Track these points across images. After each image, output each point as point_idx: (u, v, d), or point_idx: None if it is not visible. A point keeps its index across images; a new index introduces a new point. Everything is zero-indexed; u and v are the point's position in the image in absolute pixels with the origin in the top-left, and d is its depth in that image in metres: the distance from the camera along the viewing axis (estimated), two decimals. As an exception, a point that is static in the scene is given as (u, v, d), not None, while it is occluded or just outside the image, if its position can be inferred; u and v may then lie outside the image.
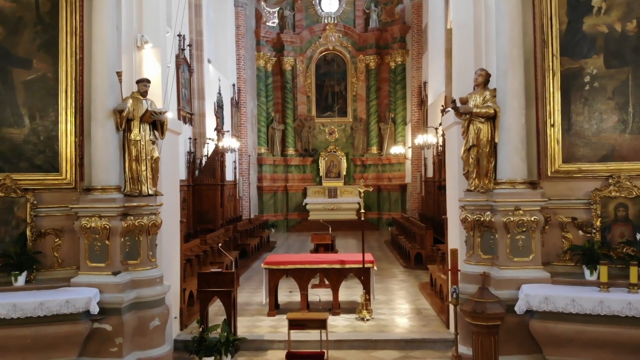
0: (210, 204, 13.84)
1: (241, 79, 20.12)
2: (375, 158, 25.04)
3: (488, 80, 6.64)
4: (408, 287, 11.36)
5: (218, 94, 17.18)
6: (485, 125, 6.46)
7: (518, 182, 6.32)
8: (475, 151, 6.51)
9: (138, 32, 7.41)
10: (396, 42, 24.34)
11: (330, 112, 25.60)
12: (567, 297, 5.74)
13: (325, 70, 25.64)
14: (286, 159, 25.05)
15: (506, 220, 6.22)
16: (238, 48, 20.04)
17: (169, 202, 7.76)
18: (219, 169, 13.96)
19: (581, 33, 6.66)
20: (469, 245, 6.60)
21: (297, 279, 8.95)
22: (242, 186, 19.91)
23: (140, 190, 6.65)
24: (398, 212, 24.21)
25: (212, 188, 13.83)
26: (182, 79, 13.37)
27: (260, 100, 24.47)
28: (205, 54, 15.39)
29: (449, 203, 7.91)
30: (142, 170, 6.65)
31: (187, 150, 13.59)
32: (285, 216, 25.16)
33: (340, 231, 22.98)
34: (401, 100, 24.43)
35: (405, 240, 15.38)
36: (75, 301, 6.03)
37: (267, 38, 24.63)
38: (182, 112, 13.26)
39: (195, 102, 14.18)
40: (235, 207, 19.00)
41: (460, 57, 7.42)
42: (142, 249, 6.67)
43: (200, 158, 14.45)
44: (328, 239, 11.46)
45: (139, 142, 6.67)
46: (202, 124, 14.42)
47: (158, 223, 6.76)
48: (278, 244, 19.04)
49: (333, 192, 24.81)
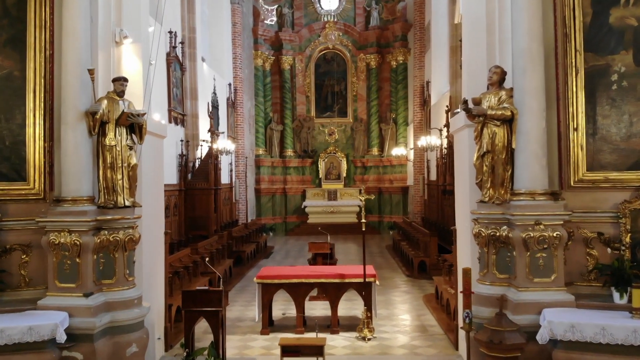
0: (203, 209, 13.17)
1: (238, 78, 19.44)
2: (376, 159, 24.37)
3: (504, 78, 5.95)
4: (412, 300, 10.68)
5: (213, 93, 16.51)
6: (501, 129, 5.77)
7: (538, 193, 5.63)
8: (490, 158, 5.82)
9: (116, 26, 6.73)
10: (397, 41, 23.68)
11: (330, 113, 24.96)
12: (596, 325, 5.05)
13: (325, 70, 24.99)
14: (285, 161, 24.40)
15: (525, 236, 5.53)
16: (234, 46, 19.36)
17: (152, 213, 7.09)
18: (212, 172, 13.27)
19: (607, 26, 5.97)
20: (483, 263, 5.91)
21: (293, 294, 8.27)
22: (238, 189, 19.23)
23: (115, 202, 5.96)
24: (399, 215, 23.55)
25: (205, 192, 13.16)
26: (174, 77, 12.70)
27: (258, 100, 23.81)
28: (199, 52, 14.71)
29: (459, 213, 7.22)
30: (117, 179, 5.97)
31: (178, 153, 12.92)
32: (284, 219, 24.50)
33: (340, 235, 22.31)
34: (403, 100, 23.77)
35: (408, 247, 14.69)
36: (39, 328, 5.34)
37: (265, 36, 23.98)
38: (173, 112, 12.59)
39: (187, 102, 13.50)
40: (231, 211, 18.32)
41: (472, 53, 6.73)
42: (117, 267, 5.99)
43: (194, 161, 13.77)
44: (326, 247, 10.77)
45: (114, 147, 5.98)
46: (195, 125, 13.74)
47: (136, 238, 6.07)
48: (276, 249, 18.36)
49: (333, 195, 24.16)
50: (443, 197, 15.05)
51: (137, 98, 6.70)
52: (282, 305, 9.67)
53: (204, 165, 13.44)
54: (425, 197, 18.43)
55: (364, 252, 8.19)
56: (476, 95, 5.99)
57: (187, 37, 13.67)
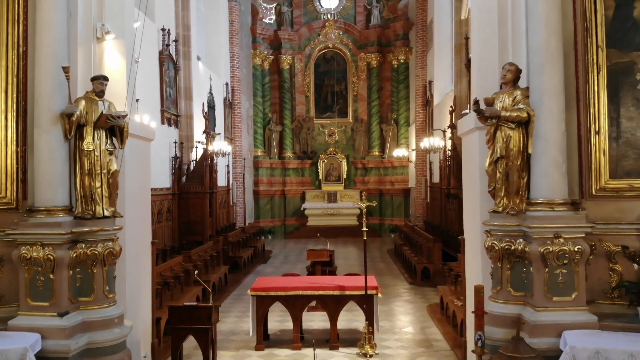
0: (198, 214, 12.66)
1: (235, 77, 18.93)
2: (377, 161, 23.87)
3: (518, 77, 5.44)
4: (415, 310, 10.16)
5: (209, 93, 16.00)
6: (516, 132, 5.25)
7: (557, 203, 5.11)
8: (504, 164, 5.30)
9: (98, 21, 6.22)
10: (399, 40, 23.19)
11: (329, 113, 24.47)
12: (624, 351, 4.53)
13: (325, 69, 24.52)
14: (284, 162, 23.92)
15: (543, 250, 5.01)
16: (232, 45, 18.85)
17: (137, 221, 6.58)
18: (207, 175, 12.76)
19: (632, 20, 5.44)
20: (496, 279, 5.39)
21: (290, 307, 7.76)
22: (236, 191, 18.73)
23: (94, 212, 5.45)
24: (401, 217, 23.05)
25: (200, 196, 12.65)
26: (167, 77, 12.19)
27: (256, 101, 23.32)
28: (194, 50, 14.19)
29: (467, 222, 6.70)
30: (96, 186, 5.45)
31: (172, 155, 12.41)
32: (283, 222, 24.01)
33: (340, 238, 21.84)
34: (404, 101, 23.25)
35: (410, 252, 14.17)
36: (7, 353, 4.81)
37: (264, 35, 23.49)
38: (166, 113, 12.08)
39: (182, 103, 12.99)
40: (228, 214, 17.81)
41: (482, 50, 6.21)
42: (96, 283, 5.47)
43: (188, 163, 13.26)
44: (326, 255, 10.26)
45: (92, 152, 5.47)
46: (190, 126, 13.22)
47: (116, 251, 5.55)
48: (274, 253, 17.84)
49: (333, 197, 23.68)
50: (447, 201, 14.55)
51: (121, 98, 6.19)
52: (278, 317, 9.16)
53: (199, 167, 12.93)
54: (428, 199, 17.92)
55: (365, 263, 7.67)
56: (486, 95, 5.47)
57: (181, 35, 13.16)
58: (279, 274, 13.94)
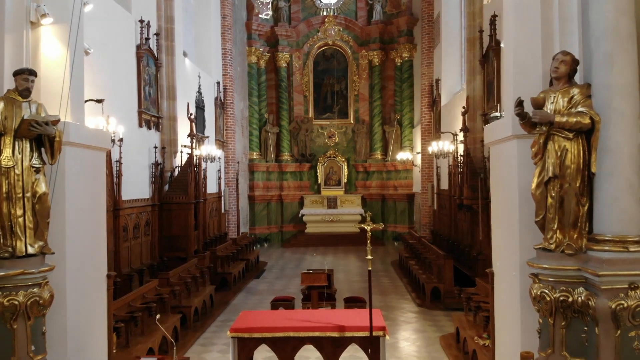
0: (181, 227, 11.34)
1: (228, 76, 17.60)
2: (379, 164, 22.56)
3: (575, 70, 4.13)
4: (427, 343, 8.81)
5: (198, 93, 14.68)
6: (574, 143, 3.94)
7: (632, 241, 3.80)
8: (558, 186, 3.99)
9: (32, 1, 4.92)
10: (403, 36, 21.88)
11: (329, 114, 23.20)
12: None
13: (324, 67, 23.24)
14: (281, 165, 22.62)
15: (615, 305, 3.70)
16: (224, 41, 17.51)
17: (85, 251, 5.26)
18: (192, 183, 11.44)
19: None
20: (547, 338, 4.07)
21: (278, 352, 6.41)
22: (228, 198, 17.40)
23: (13, 249, 4.14)
24: (405, 224, 21.76)
25: (183, 207, 11.34)
26: (146, 74, 10.87)
27: (252, 101, 22.02)
28: (180, 45, 12.86)
29: (499, 256, 5.37)
30: (17, 215, 4.14)
31: (152, 162, 11.08)
32: (280, 228, 22.73)
33: (340, 246, 20.56)
34: (408, 101, 21.93)
35: (418, 268, 12.84)
36: None
37: (260, 31, 22.19)
38: (144, 115, 10.75)
39: (164, 103, 11.66)
40: (219, 223, 16.50)
41: (520, 36, 4.87)
42: (17, 343, 4.16)
43: (172, 170, 11.95)
44: (323, 279, 8.92)
45: (11, 170, 4.15)
46: (173, 129, 11.90)
47: (44, 299, 4.24)
48: (269, 265, 16.49)
49: (333, 202, 22.38)
50: (457, 211, 13.22)
51: (61, 98, 4.88)
52: (266, 354, 7.83)
53: (183, 175, 11.60)
54: (435, 207, 16.58)
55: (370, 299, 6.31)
56: (523, 94, 4.15)
57: (163, 28, 11.83)
58: (272, 292, 12.67)
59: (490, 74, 10.89)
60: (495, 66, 10.48)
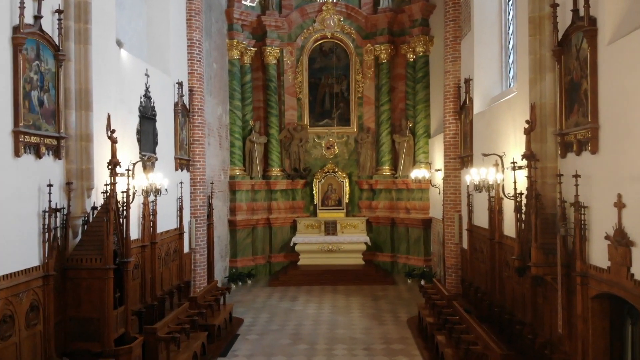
0: (94, 305, 7.39)
1: (195, 74, 13.62)
2: (387, 181, 18.67)
3: None
4: None
5: (143, 97, 10.70)
6: None
7: None
8: None
9: None
10: (416, 27, 18.00)
11: (327, 120, 19.49)
12: None
13: (322, 65, 19.57)
14: (269, 183, 18.75)
15: None
16: (190, 30, 13.54)
17: None
18: (107, 238, 7.42)
19: None
20: None
21: None
22: (194, 233, 13.43)
23: None
24: (420, 256, 17.86)
25: (96, 275, 7.38)
26: (31, 72, 6.93)
27: (233, 105, 18.12)
28: (105, 29, 8.89)
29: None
30: None
31: (43, 209, 7.10)
32: (268, 259, 18.85)
33: (340, 285, 16.62)
34: (423, 105, 18.01)
35: (449, 349, 8.85)
36: None
37: (244, 21, 18.30)
38: (24, 136, 6.77)
39: (70, 115, 7.67)
40: (181, 269, 12.54)
41: None
42: None
43: (84, 216, 7.96)
44: None
45: None
46: (87, 155, 7.87)
47: None
48: (245, 325, 12.39)
49: (331, 227, 18.52)
50: (504, 265, 9.25)
51: None
52: None
53: (98, 225, 7.61)
54: (466, 247, 12.57)
55: None
56: None
57: (72, 4, 7.88)
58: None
59: (574, 71, 6.91)
60: (587, 57, 6.51)
